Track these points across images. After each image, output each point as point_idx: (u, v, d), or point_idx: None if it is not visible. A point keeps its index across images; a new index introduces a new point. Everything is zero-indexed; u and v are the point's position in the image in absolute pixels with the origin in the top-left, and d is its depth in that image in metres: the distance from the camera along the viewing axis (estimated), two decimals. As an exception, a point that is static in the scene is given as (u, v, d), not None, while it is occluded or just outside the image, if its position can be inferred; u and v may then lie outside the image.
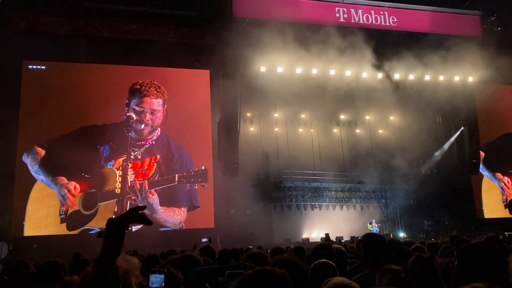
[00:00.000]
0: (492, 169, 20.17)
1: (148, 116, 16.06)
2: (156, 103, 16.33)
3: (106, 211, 15.08)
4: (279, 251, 4.59)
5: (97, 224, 14.90)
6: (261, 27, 15.39)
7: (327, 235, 15.71)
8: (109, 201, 15.20)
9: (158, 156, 16.10)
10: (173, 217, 15.72)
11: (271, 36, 15.53)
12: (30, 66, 15.97)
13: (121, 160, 15.65)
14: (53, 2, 15.32)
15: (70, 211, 14.97)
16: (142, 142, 16.07)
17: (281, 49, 15.85)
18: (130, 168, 15.67)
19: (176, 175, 15.59)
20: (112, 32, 16.15)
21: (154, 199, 15.44)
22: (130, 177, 15.65)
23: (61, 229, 14.79)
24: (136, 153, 15.91)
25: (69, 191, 14.91)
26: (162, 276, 2.83)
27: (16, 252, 13.00)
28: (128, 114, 15.77)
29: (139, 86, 16.23)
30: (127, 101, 16.08)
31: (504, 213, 19.78)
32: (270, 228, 18.33)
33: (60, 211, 14.93)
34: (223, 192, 16.85)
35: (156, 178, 15.83)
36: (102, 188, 15.29)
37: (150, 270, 2.98)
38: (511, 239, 8.43)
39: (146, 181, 15.60)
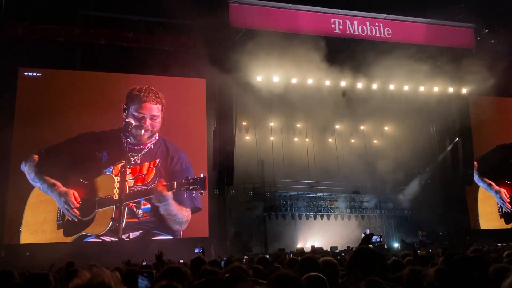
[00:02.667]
0: (488, 180, 20.23)
1: (148, 122, 16.11)
2: (156, 109, 16.38)
3: (103, 217, 15.03)
4: (266, 262, 4.59)
5: (94, 231, 14.88)
6: (257, 37, 15.52)
7: (301, 249, 15.79)
8: (107, 207, 15.15)
9: (157, 161, 16.12)
10: (181, 213, 15.76)
11: (267, 45, 15.67)
12: (25, 73, 15.97)
13: (119, 166, 15.64)
14: (49, 9, 15.38)
15: (67, 217, 14.90)
16: (141, 147, 16.09)
17: (277, 58, 15.96)
18: (129, 173, 15.69)
19: (175, 182, 15.58)
20: (108, 40, 16.21)
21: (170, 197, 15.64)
22: (129, 182, 15.63)
23: (58, 235, 14.70)
24: (135, 157, 15.92)
25: (71, 205, 14.85)
26: (148, 280, 2.85)
27: (8, 260, 12.87)
28: (127, 120, 15.77)
29: (137, 92, 16.29)
30: (125, 106, 16.09)
31: (499, 224, 19.82)
32: (264, 237, 18.27)
33: (57, 217, 14.86)
34: (218, 201, 16.84)
35: (156, 183, 15.81)
36: (100, 194, 15.24)
37: (139, 271, 3.00)
38: (503, 250, 8.46)
39: (164, 186, 15.59)
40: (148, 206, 15.62)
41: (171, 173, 16.05)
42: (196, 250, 12.63)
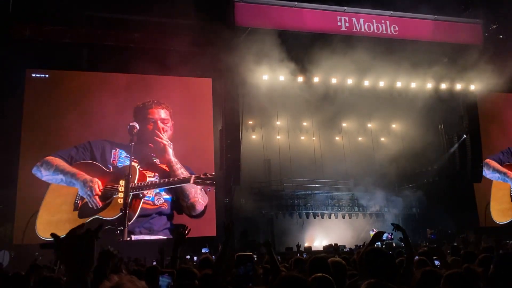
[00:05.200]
0: (502, 168, 19.96)
1: (159, 124, 16.28)
2: (163, 113, 16.54)
3: (117, 204, 15.07)
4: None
5: (108, 214, 14.95)
6: (263, 36, 15.49)
7: (309, 248, 15.71)
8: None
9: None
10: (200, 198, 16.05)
11: (273, 44, 15.64)
12: (33, 75, 16.06)
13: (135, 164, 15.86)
14: (56, 11, 15.44)
15: (85, 200, 15.07)
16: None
17: (283, 57, 15.92)
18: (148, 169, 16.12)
19: (192, 176, 15.75)
20: (114, 41, 16.25)
21: None
22: (150, 173, 15.98)
23: (73, 216, 14.77)
24: (155, 160, 16.27)
25: (93, 192, 15.06)
26: (170, 278, 2.85)
27: (18, 260, 12.97)
28: (131, 124, 15.74)
29: (141, 104, 16.50)
30: (135, 120, 16.06)
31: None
32: (272, 236, 18.26)
33: (76, 198, 15.04)
34: (225, 200, 16.84)
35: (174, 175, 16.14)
36: (120, 182, 15.34)
37: (160, 271, 3.01)
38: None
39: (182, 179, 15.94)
40: (169, 197, 15.97)
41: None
42: (204, 250, 12.64)
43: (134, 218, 15.22)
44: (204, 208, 16.05)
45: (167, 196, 15.98)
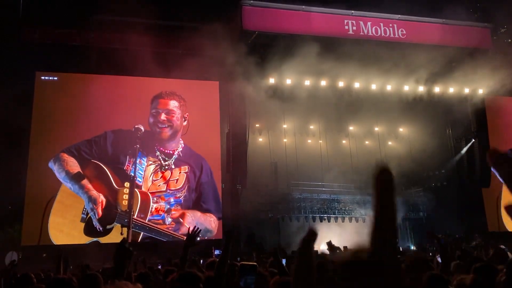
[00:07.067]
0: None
1: (163, 116, 16.29)
2: (171, 104, 16.59)
3: (118, 232, 14.88)
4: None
5: (109, 241, 14.68)
6: (270, 39, 15.53)
7: (315, 251, 15.43)
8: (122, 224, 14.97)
9: (187, 167, 16.30)
10: (208, 222, 15.93)
11: (280, 48, 15.66)
12: (42, 77, 16.21)
13: (151, 167, 15.82)
14: (65, 14, 15.60)
15: (89, 215, 15.08)
16: (171, 152, 16.23)
17: (290, 60, 15.94)
18: (161, 177, 15.89)
19: (185, 237, 15.14)
20: (123, 44, 16.35)
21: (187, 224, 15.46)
22: (162, 187, 15.81)
23: (79, 227, 14.87)
24: (167, 162, 16.12)
25: (96, 215, 14.95)
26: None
27: (26, 261, 13.06)
28: (136, 126, 15.69)
29: (158, 93, 16.64)
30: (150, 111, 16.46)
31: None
32: (278, 239, 18.20)
33: (83, 210, 15.03)
34: (231, 203, 16.85)
35: (185, 189, 16.04)
36: (122, 207, 15.17)
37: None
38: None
39: (185, 212, 15.74)
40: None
41: (199, 184, 16.27)
42: (216, 252, 12.51)
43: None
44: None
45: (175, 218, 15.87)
